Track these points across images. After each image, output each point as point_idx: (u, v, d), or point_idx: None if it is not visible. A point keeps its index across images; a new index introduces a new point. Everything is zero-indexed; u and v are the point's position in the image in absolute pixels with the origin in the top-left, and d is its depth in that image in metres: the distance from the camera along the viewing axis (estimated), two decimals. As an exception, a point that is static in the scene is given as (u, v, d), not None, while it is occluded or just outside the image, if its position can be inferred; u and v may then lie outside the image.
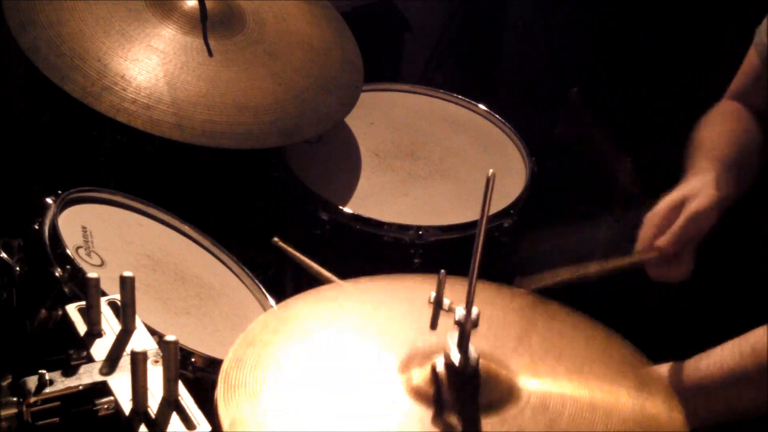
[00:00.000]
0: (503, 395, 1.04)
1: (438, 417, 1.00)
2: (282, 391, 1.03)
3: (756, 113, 1.86)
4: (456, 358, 1.03)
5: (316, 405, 1.02)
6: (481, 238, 1.01)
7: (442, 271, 1.06)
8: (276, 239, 1.71)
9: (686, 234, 1.66)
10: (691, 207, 1.66)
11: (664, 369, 1.48)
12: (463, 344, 1.03)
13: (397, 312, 1.17)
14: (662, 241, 1.66)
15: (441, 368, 1.04)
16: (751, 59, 1.85)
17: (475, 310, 1.02)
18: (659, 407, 1.09)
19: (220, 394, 1.02)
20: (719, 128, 1.81)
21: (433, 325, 1.07)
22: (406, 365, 1.06)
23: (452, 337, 1.04)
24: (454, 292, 1.06)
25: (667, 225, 1.67)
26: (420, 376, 1.04)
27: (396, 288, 1.28)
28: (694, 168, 1.73)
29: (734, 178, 1.73)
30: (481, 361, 1.04)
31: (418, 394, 1.02)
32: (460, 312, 1.03)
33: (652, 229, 1.68)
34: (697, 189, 1.68)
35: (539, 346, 1.13)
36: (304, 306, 1.20)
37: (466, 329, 1.03)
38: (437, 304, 1.06)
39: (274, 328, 1.13)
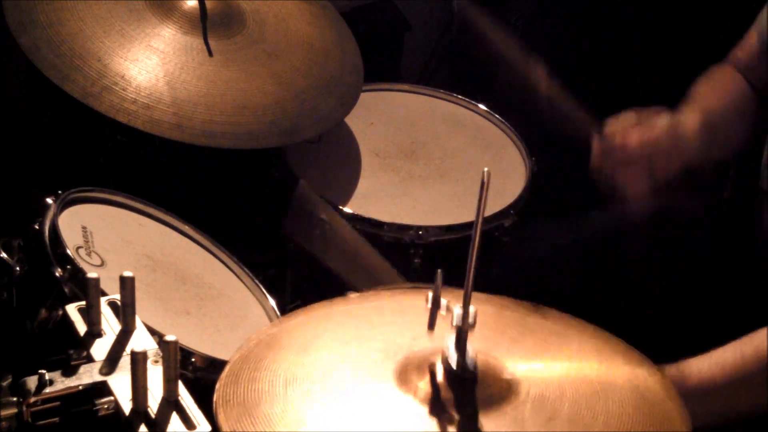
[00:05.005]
0: (502, 391, 1.04)
1: (438, 417, 1.00)
2: (280, 404, 1.03)
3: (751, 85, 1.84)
4: (454, 358, 1.03)
5: (315, 413, 1.01)
6: (477, 237, 1.01)
7: (439, 270, 1.06)
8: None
9: (655, 143, 1.60)
10: (672, 121, 1.61)
11: (664, 370, 1.48)
12: (460, 344, 1.03)
13: (391, 321, 1.17)
14: (631, 136, 1.61)
15: (439, 368, 1.04)
16: (752, 40, 1.82)
17: (472, 309, 1.02)
18: (656, 390, 1.10)
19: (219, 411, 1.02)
20: (709, 83, 1.79)
21: (431, 326, 1.07)
22: (404, 369, 1.06)
23: (450, 339, 1.04)
24: (448, 299, 1.07)
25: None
26: (418, 378, 1.04)
27: (388, 300, 1.28)
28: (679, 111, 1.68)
29: (721, 129, 1.70)
30: (478, 359, 1.04)
31: (418, 397, 1.02)
32: (457, 312, 1.03)
33: (631, 119, 1.62)
34: (681, 116, 1.63)
35: (534, 346, 1.13)
36: (299, 321, 1.19)
37: (463, 328, 1.03)
38: (434, 305, 1.06)
39: (269, 343, 1.12)
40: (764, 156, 1.77)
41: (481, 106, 2.30)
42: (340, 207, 1.93)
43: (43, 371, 1.11)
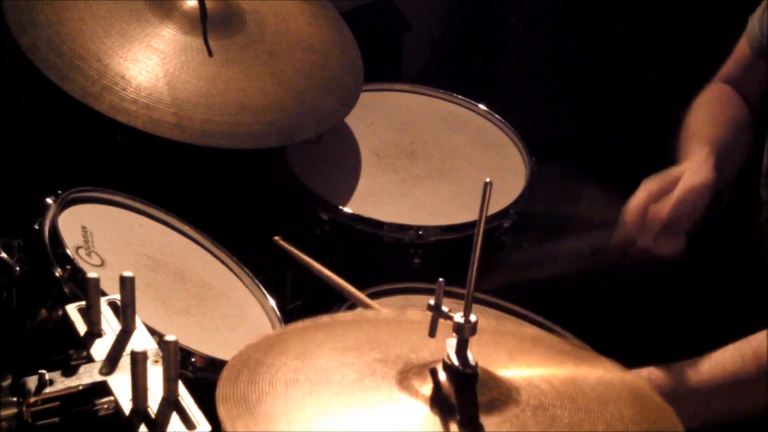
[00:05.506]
0: (502, 398, 1.04)
1: (440, 421, 1.00)
2: (279, 408, 1.02)
3: (744, 98, 1.86)
4: (455, 351, 1.03)
5: (315, 418, 1.01)
6: (478, 250, 1.01)
7: (441, 279, 1.06)
8: (277, 238, 1.71)
9: (682, 206, 1.64)
10: (689, 180, 1.65)
11: (664, 371, 1.48)
12: (461, 348, 1.03)
13: (389, 334, 1.17)
14: (659, 208, 1.64)
15: (440, 373, 1.04)
16: (742, 48, 1.84)
17: (473, 317, 1.03)
18: (654, 404, 1.10)
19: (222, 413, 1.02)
20: (709, 111, 1.81)
21: (432, 332, 1.07)
22: (405, 375, 1.06)
23: (450, 344, 1.04)
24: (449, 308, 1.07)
25: (662, 196, 1.66)
26: (420, 382, 1.04)
27: (387, 315, 1.29)
28: (687, 152, 1.73)
29: (727, 159, 1.73)
30: (479, 365, 1.04)
31: (419, 398, 1.03)
32: (458, 317, 1.03)
33: (645, 198, 1.66)
34: (694, 167, 1.67)
35: (531, 362, 1.14)
36: (297, 332, 1.19)
37: (464, 333, 1.03)
38: (436, 311, 1.06)
39: (267, 350, 1.12)
40: (764, 163, 1.77)
41: (481, 106, 2.30)
42: (340, 207, 1.93)
43: (43, 371, 1.11)
